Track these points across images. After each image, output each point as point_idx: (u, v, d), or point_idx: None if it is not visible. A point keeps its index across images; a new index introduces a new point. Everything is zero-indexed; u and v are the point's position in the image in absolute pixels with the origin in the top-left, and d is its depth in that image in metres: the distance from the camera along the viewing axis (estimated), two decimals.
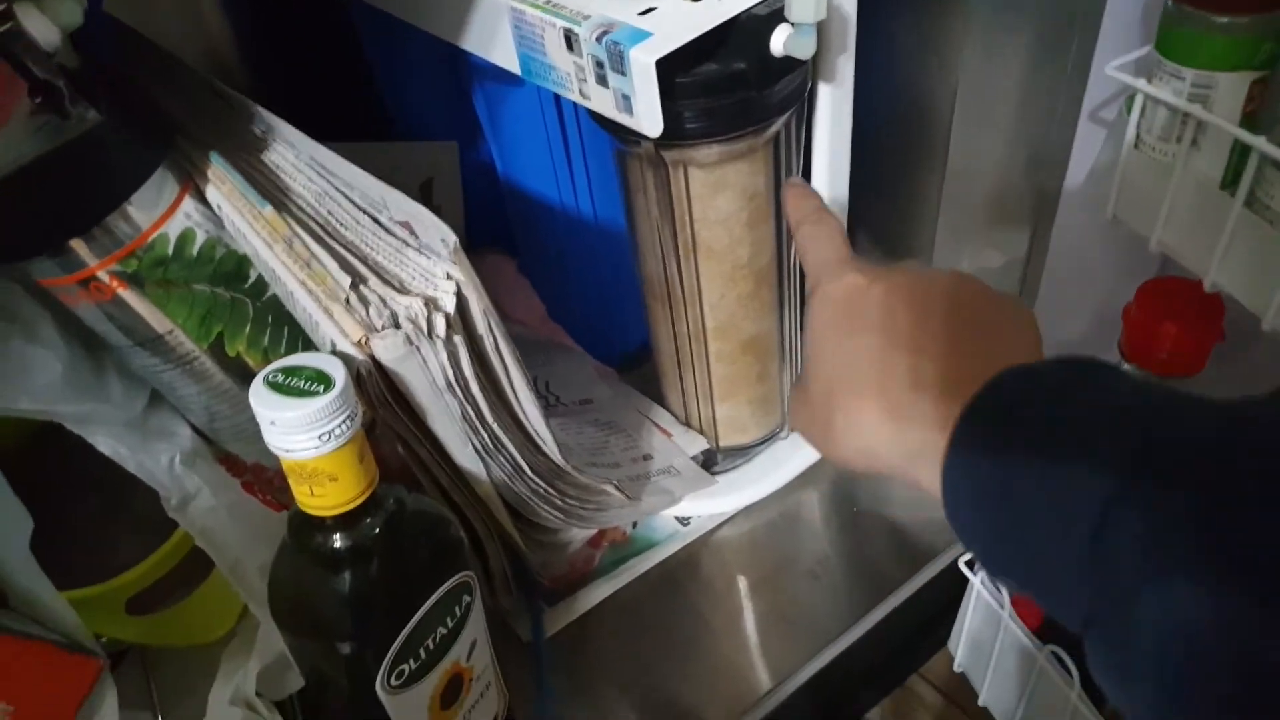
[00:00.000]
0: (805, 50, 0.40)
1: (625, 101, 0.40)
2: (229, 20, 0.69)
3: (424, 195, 0.65)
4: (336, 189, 0.40)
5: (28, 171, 0.34)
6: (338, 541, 0.35)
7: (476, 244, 0.69)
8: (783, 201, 0.41)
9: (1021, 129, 0.47)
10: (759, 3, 0.40)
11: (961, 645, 0.51)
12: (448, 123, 0.63)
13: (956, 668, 0.52)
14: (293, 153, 0.42)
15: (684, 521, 0.58)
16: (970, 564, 0.50)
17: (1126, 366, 0.43)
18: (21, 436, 0.40)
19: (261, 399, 0.32)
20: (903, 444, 0.30)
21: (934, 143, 0.50)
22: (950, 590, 0.54)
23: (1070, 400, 0.26)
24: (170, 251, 0.39)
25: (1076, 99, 0.42)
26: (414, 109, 0.66)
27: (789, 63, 0.41)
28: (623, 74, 0.39)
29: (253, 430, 0.45)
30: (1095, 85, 0.41)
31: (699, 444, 0.58)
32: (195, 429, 0.45)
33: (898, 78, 0.49)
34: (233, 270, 0.41)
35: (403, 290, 0.36)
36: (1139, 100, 0.41)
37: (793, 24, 0.39)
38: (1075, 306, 0.52)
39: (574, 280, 0.64)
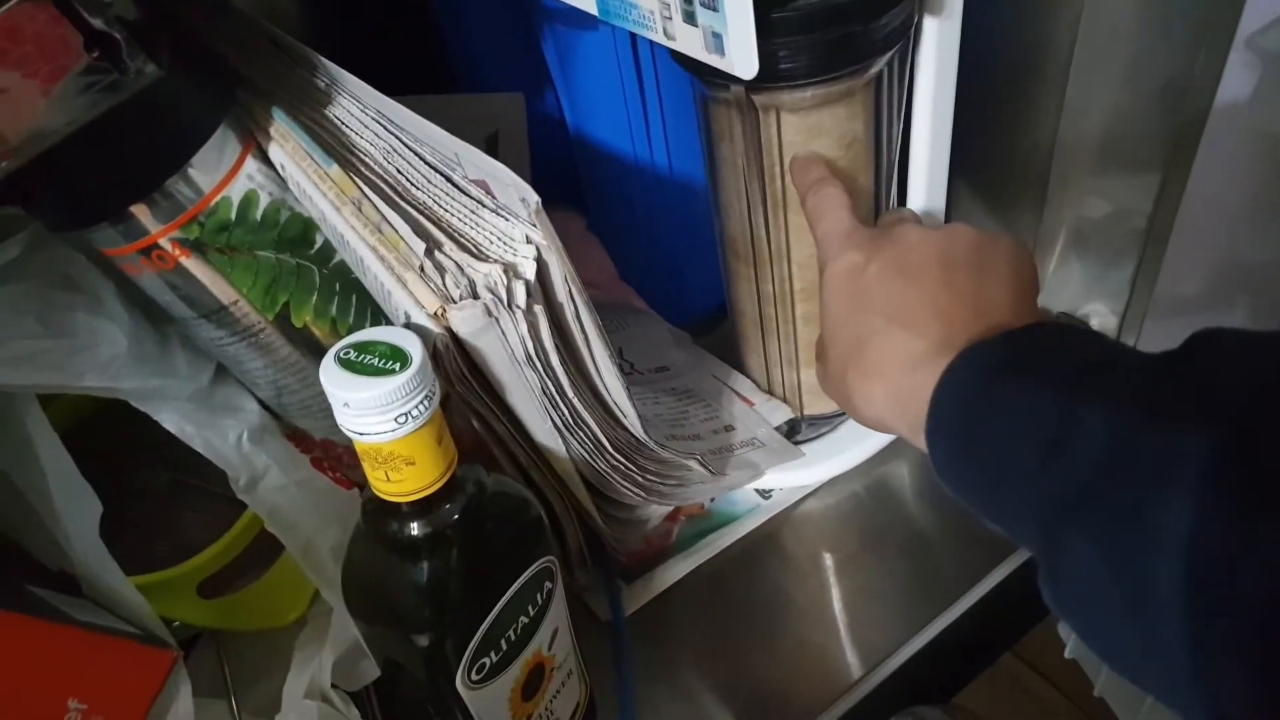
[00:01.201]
0: None
1: (716, 40, 0.36)
2: None
3: (489, 149, 0.61)
4: (406, 145, 0.37)
5: (86, 132, 0.32)
6: (415, 529, 0.33)
7: (543, 200, 0.66)
8: (789, 172, 0.42)
9: (1157, 60, 0.42)
10: None
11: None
12: (514, 73, 0.60)
13: (1068, 654, 0.48)
14: (358, 107, 0.39)
15: (765, 495, 0.55)
16: None
17: None
18: (84, 414, 0.39)
19: (333, 378, 0.29)
20: (906, 416, 0.32)
21: (1050, 78, 0.45)
22: None
23: (1023, 359, 0.29)
24: (233, 216, 0.36)
25: (1231, 23, 0.37)
26: (479, 59, 0.62)
27: None
28: (714, 10, 0.35)
29: (321, 405, 0.43)
30: (1255, 5, 0.36)
31: (783, 413, 0.54)
32: (263, 404, 0.44)
33: (1012, 4, 0.44)
34: (298, 235, 0.38)
35: (480, 256, 0.33)
36: None
37: None
38: (1208, 274, 0.47)
39: (647, 238, 0.61)
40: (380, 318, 0.41)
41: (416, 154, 0.37)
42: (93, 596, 0.37)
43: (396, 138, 0.37)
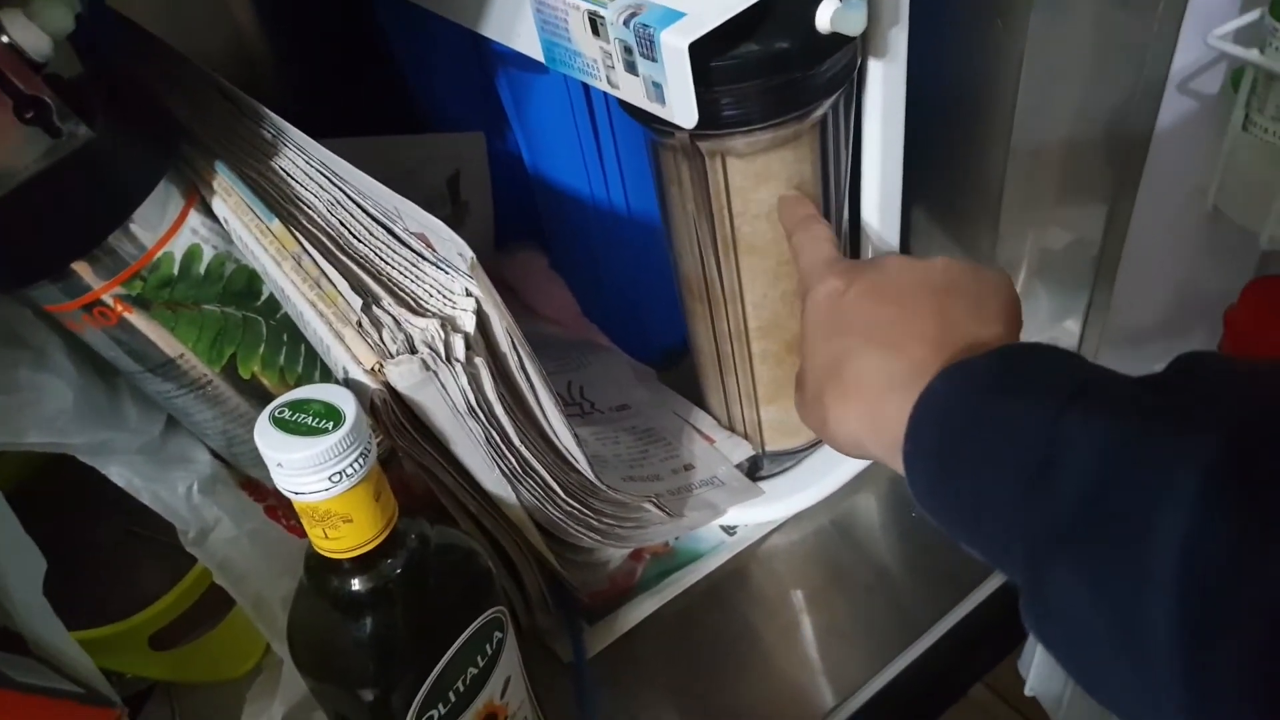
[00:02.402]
0: (855, 26, 0.36)
1: (657, 90, 0.36)
2: (254, 10, 0.67)
3: (451, 188, 0.62)
4: (349, 197, 0.37)
5: (22, 192, 0.32)
6: (356, 584, 0.32)
7: (506, 238, 0.66)
8: (778, 210, 0.43)
9: (1097, 100, 0.42)
10: None
11: (1034, 669, 0.47)
12: (474, 113, 0.60)
13: (1028, 691, 0.48)
14: (303, 158, 0.39)
15: (730, 531, 0.55)
16: None
17: None
18: (31, 469, 0.39)
19: (267, 438, 0.29)
20: (880, 440, 0.32)
21: (997, 115, 0.45)
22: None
23: (1008, 378, 0.28)
24: (176, 271, 0.36)
25: (1163, 67, 0.37)
26: (439, 100, 0.63)
27: (836, 40, 0.37)
28: (653, 60, 0.35)
29: None
30: (1186, 51, 0.36)
31: (743, 450, 0.54)
32: (214, 454, 0.43)
33: (957, 45, 0.45)
34: (243, 287, 0.38)
35: (418, 310, 0.33)
36: (1249, 75, 0.36)
37: None
38: (1161, 301, 0.47)
39: (608, 275, 0.61)
40: (327, 369, 0.41)
41: (359, 205, 0.37)
42: (38, 654, 0.36)
43: (340, 190, 0.37)
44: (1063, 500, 0.24)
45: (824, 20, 0.36)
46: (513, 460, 0.38)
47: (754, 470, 0.55)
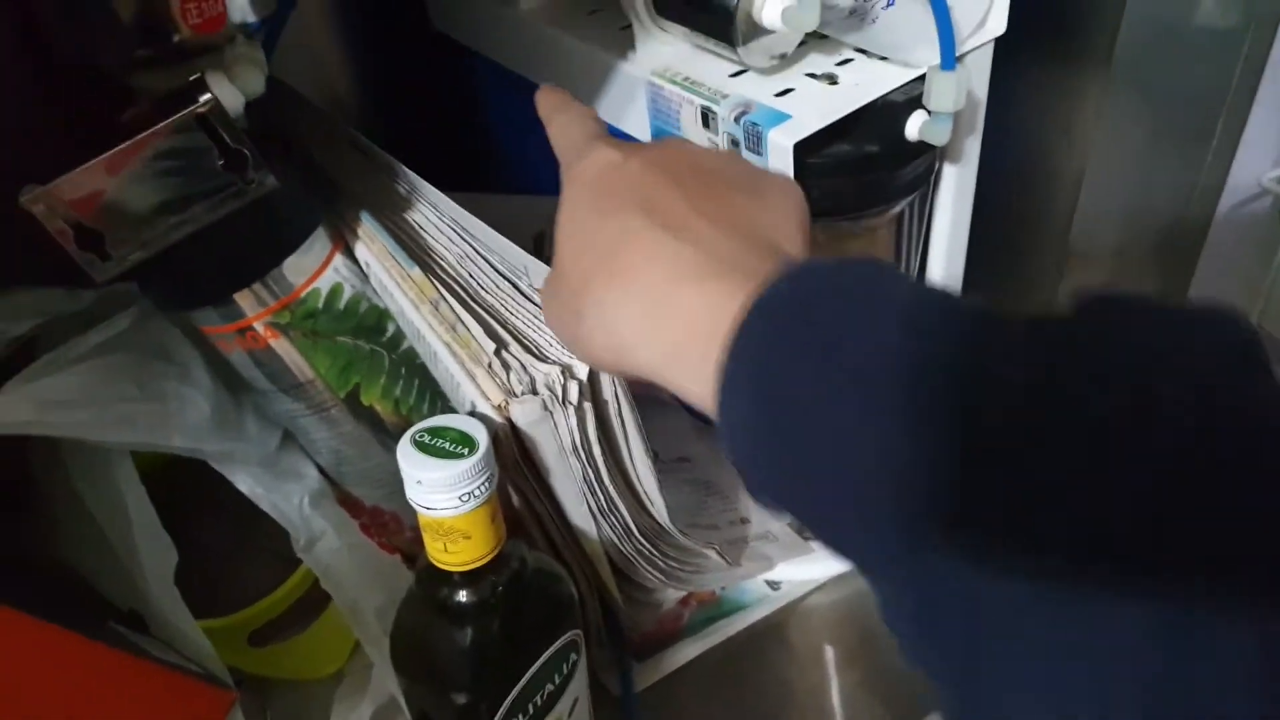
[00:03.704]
0: (941, 137, 0.40)
1: None
2: (351, 65, 0.73)
3: (536, 246, 0.66)
4: (477, 252, 0.42)
5: (206, 232, 0.37)
6: (463, 596, 0.36)
7: None
8: (536, 105, 0.38)
9: (1150, 217, 0.47)
10: (896, 89, 0.41)
11: None
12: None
13: None
14: (435, 214, 0.44)
15: (774, 586, 0.58)
16: None
17: None
18: (155, 467, 0.43)
19: (409, 458, 0.34)
20: (660, 340, 0.26)
21: (1056, 224, 0.50)
22: None
23: (856, 306, 0.22)
24: (320, 305, 0.41)
25: (1214, 196, 0.41)
26: (533, 164, 0.68)
27: (920, 147, 0.42)
28: (759, 154, 0.40)
29: (377, 476, 0.47)
30: (1237, 182, 0.41)
31: None
32: (321, 470, 0.48)
33: (1024, 158, 0.50)
34: (373, 324, 0.43)
35: (541, 357, 0.38)
36: None
37: (930, 111, 0.40)
38: None
39: None
40: (437, 399, 0.45)
41: (486, 260, 0.41)
42: (160, 636, 0.40)
43: (469, 245, 0.42)
44: (949, 459, 0.19)
45: (913, 130, 0.41)
46: (601, 498, 0.42)
47: (802, 529, 0.58)
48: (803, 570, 0.58)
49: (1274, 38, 0.39)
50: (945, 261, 0.50)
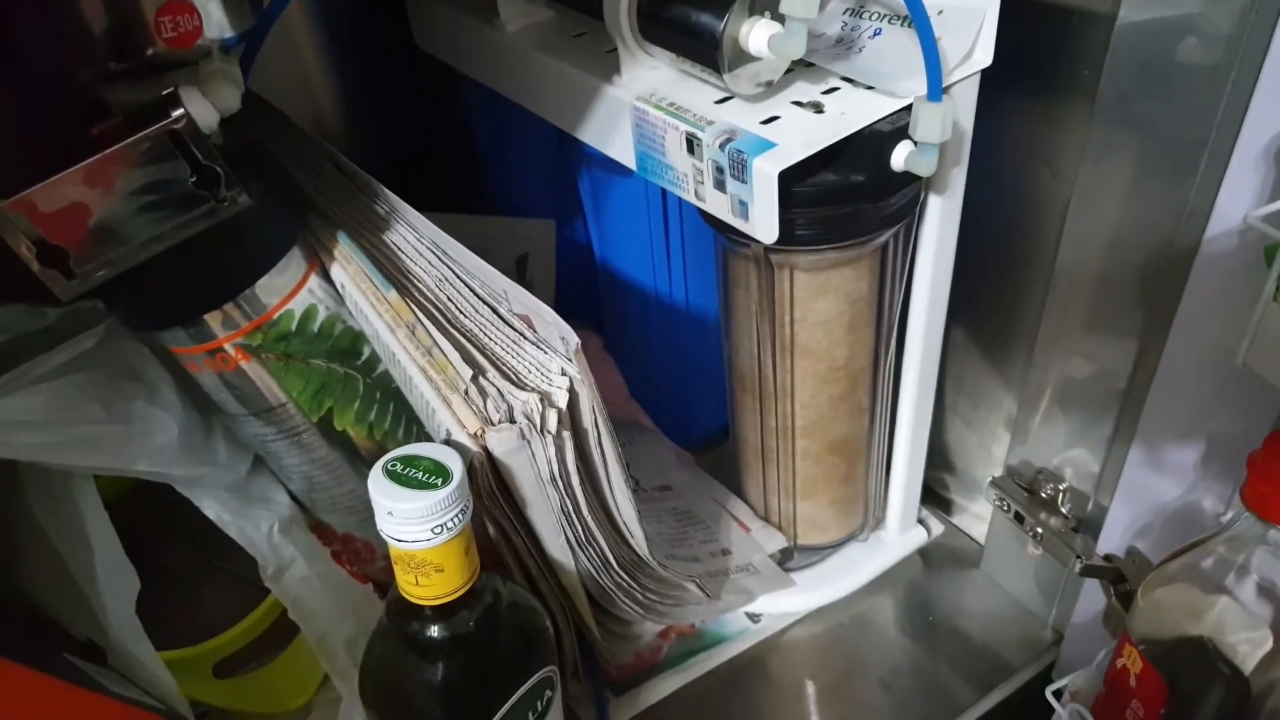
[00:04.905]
0: (927, 168, 0.40)
1: (742, 207, 0.40)
2: (334, 83, 0.72)
3: (519, 269, 0.66)
4: (457, 276, 0.41)
5: (177, 250, 0.36)
6: (435, 631, 0.35)
7: (564, 317, 0.70)
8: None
9: (1134, 252, 0.46)
10: (882, 119, 0.40)
11: None
12: (548, 201, 0.65)
13: None
14: (414, 235, 0.43)
15: (755, 619, 0.57)
16: (1058, 694, 0.48)
17: (1247, 514, 0.41)
18: (117, 494, 0.41)
19: (380, 487, 0.32)
20: None
21: (1041, 251, 0.50)
22: (1028, 713, 0.52)
23: None
24: (294, 327, 0.40)
25: (1198, 229, 0.41)
26: (517, 186, 0.68)
27: (906, 177, 0.42)
28: (743, 181, 0.39)
29: (349, 503, 0.46)
30: (1222, 218, 0.41)
31: (777, 541, 0.57)
32: (292, 496, 0.46)
33: (1009, 190, 0.50)
34: (348, 347, 0.42)
35: (520, 384, 0.37)
36: None
37: (916, 142, 0.40)
38: (1185, 439, 0.51)
39: (658, 361, 0.64)
40: (413, 425, 0.44)
41: (467, 285, 0.41)
42: (118, 668, 0.39)
43: (449, 268, 0.41)
44: None
45: (898, 160, 0.40)
46: (579, 529, 0.41)
47: (784, 561, 0.58)
48: (784, 603, 0.57)
49: (1259, 75, 0.39)
50: (929, 292, 0.49)
